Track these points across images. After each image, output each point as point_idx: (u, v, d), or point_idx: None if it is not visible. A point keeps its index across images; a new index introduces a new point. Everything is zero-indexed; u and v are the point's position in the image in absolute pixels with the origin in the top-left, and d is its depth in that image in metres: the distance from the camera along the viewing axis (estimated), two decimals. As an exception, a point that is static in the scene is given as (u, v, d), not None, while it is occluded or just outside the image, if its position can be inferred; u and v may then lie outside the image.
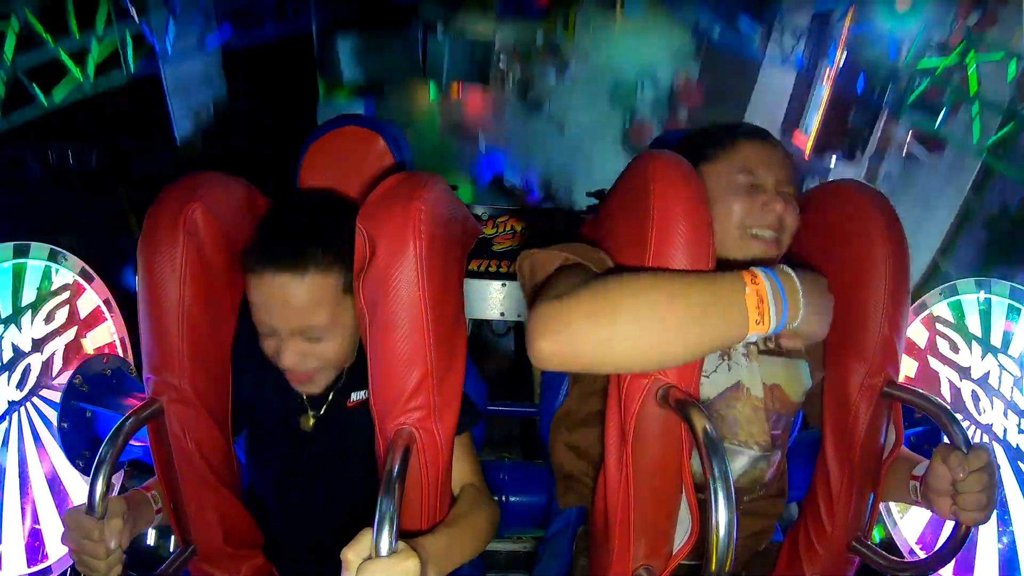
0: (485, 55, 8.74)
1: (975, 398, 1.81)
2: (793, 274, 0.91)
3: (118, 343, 1.79)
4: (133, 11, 5.94)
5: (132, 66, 6.07)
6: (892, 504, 1.77)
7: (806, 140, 6.36)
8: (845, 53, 7.90)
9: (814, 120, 6.32)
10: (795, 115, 6.64)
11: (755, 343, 1.15)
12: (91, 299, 1.77)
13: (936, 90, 6.27)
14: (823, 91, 8.46)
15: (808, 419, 1.27)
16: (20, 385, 1.68)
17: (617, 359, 0.81)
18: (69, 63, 5.29)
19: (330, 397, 1.22)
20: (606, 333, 0.78)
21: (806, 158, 6.03)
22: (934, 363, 1.85)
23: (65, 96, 5.27)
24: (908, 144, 7.44)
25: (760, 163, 1.13)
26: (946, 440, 1.05)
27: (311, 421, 1.22)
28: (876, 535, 1.32)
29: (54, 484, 1.71)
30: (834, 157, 5.97)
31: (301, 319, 1.08)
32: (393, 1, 8.19)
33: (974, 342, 1.83)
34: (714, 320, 0.79)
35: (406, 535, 0.85)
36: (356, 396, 1.22)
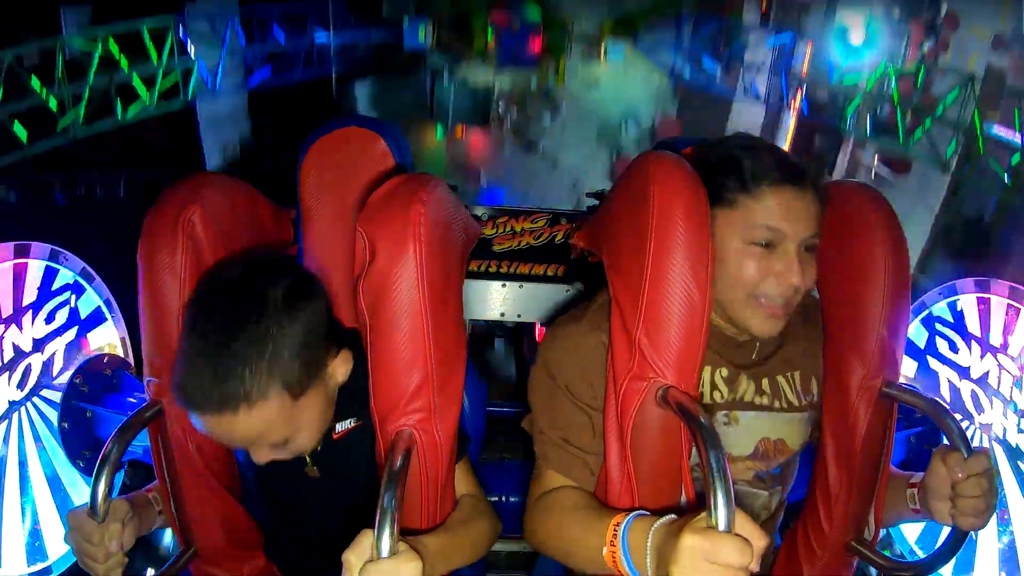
0: (485, 100, 10.24)
1: (975, 398, 1.82)
2: (648, 538, 0.86)
3: (118, 343, 1.80)
4: (191, 48, 6.90)
5: (190, 94, 7.01)
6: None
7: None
8: (804, 85, 8.60)
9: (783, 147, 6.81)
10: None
11: (753, 406, 1.13)
12: (91, 299, 1.77)
13: (895, 114, 6.65)
14: (790, 120, 9.01)
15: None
16: (21, 385, 1.69)
17: (552, 555, 1.10)
18: (140, 87, 6.37)
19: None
20: (542, 547, 1.10)
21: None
22: (933, 363, 1.85)
23: (136, 113, 6.45)
24: (875, 167, 7.83)
25: (786, 215, 1.03)
26: (946, 441, 1.05)
27: (316, 469, 1.16)
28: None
29: (54, 484, 1.71)
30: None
31: (256, 441, 0.99)
32: (404, 51, 9.73)
33: (973, 342, 1.83)
34: (587, 564, 0.98)
35: (405, 534, 0.85)
36: (341, 427, 1.14)
